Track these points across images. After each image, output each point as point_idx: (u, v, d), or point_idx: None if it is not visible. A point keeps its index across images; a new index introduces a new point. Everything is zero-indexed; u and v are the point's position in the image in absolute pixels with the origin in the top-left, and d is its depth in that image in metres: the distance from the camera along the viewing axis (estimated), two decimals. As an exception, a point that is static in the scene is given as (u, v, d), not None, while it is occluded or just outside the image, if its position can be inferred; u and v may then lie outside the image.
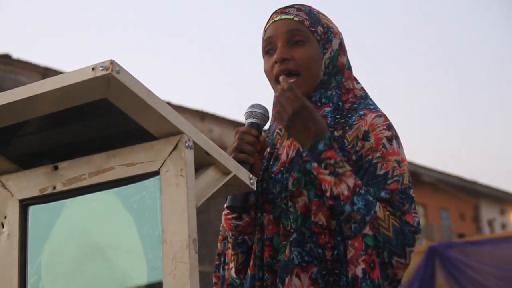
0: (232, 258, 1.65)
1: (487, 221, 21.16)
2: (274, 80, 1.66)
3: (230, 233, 1.65)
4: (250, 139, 1.56)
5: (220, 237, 1.73)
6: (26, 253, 1.26)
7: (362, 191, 1.50)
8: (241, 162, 1.51)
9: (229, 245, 1.67)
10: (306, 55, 1.63)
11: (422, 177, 17.77)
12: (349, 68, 1.73)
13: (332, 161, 1.50)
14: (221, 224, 1.71)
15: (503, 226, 21.61)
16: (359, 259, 1.47)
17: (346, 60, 1.72)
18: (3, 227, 1.29)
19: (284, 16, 1.66)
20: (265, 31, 1.70)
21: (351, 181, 1.50)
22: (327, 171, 1.51)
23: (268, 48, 1.67)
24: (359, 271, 1.46)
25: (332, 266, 1.50)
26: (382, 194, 1.53)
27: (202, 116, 13.61)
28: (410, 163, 17.03)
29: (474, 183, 20.78)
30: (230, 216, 1.64)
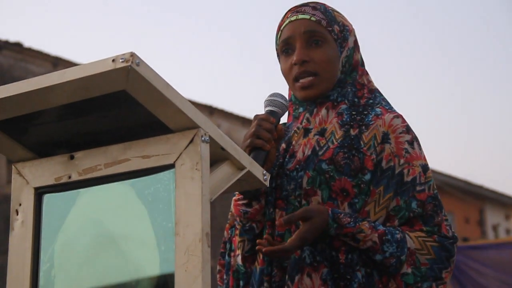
0: (239, 245, 1.66)
1: (491, 226, 21.12)
2: (292, 81, 1.67)
3: (238, 219, 1.66)
4: (268, 126, 1.56)
5: (227, 225, 1.74)
6: (40, 241, 1.27)
7: (389, 236, 1.51)
8: (257, 148, 1.52)
9: (236, 231, 1.68)
10: (325, 56, 1.64)
11: (428, 180, 17.71)
12: (362, 64, 1.73)
13: (349, 235, 1.52)
14: (230, 212, 1.72)
15: (508, 231, 21.56)
16: None
17: (360, 56, 1.73)
18: (17, 214, 1.30)
19: (300, 16, 1.66)
20: (281, 30, 1.69)
21: (374, 236, 1.51)
22: (348, 239, 1.52)
23: (286, 48, 1.68)
24: None
25: (345, 270, 1.51)
26: (413, 206, 1.55)
27: (210, 111, 13.61)
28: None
29: (480, 187, 20.73)
30: (240, 202, 1.65)
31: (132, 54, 1.10)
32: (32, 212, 1.28)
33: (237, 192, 1.64)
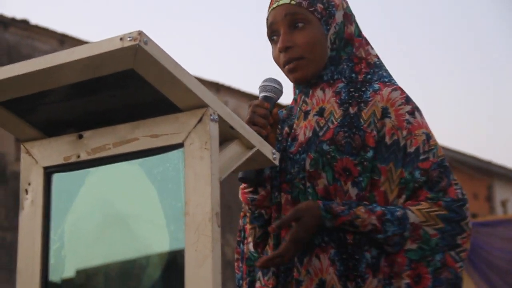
0: (250, 232, 1.66)
1: (500, 202, 21.09)
2: (282, 67, 1.67)
3: (247, 207, 1.66)
4: (262, 112, 1.56)
5: (242, 213, 1.74)
6: (50, 220, 1.27)
7: (389, 216, 1.50)
8: None
9: (247, 219, 1.68)
10: (308, 39, 1.62)
11: (436, 156, 17.63)
12: (360, 35, 1.70)
13: (346, 223, 1.50)
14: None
15: (516, 207, 21.52)
16: (403, 273, 1.48)
17: (355, 27, 1.69)
18: (27, 193, 1.29)
19: (281, 1, 1.65)
20: (267, 19, 1.69)
21: (373, 219, 1.50)
22: (348, 227, 1.51)
23: (272, 36, 1.67)
24: (403, 286, 1.48)
25: (353, 250, 1.51)
26: (417, 175, 1.53)
27: (217, 88, 13.59)
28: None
29: (488, 163, 20.67)
30: (246, 190, 1.65)
31: (140, 33, 1.08)
32: (41, 192, 1.28)
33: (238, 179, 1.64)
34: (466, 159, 19.83)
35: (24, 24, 10.58)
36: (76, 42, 11.17)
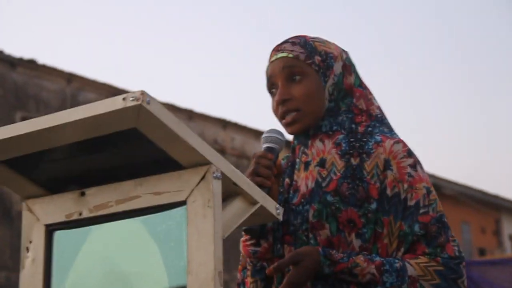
0: (252, 286, 1.64)
1: (508, 236, 20.92)
2: (280, 119, 1.67)
3: (248, 259, 1.65)
4: (266, 163, 1.56)
5: (240, 266, 1.72)
6: (50, 279, 1.26)
7: (387, 266, 1.49)
8: (258, 185, 1.51)
9: (248, 272, 1.66)
10: (305, 91, 1.62)
11: (443, 190, 17.60)
12: (361, 85, 1.69)
13: (345, 271, 1.50)
14: (241, 254, 1.70)
15: (525, 241, 21.31)
16: None
17: (355, 78, 1.69)
18: (28, 251, 1.28)
19: (279, 55, 1.66)
20: (266, 72, 1.70)
21: (372, 268, 1.49)
22: (346, 275, 1.51)
23: (271, 88, 1.69)
24: None
25: None
26: (416, 229, 1.52)
27: (224, 124, 13.62)
28: (431, 176, 16.87)
29: (496, 197, 20.56)
30: (248, 243, 1.63)
31: (143, 93, 1.09)
32: (42, 250, 1.27)
33: (244, 233, 1.63)
34: (473, 193, 19.73)
35: (31, 64, 10.69)
36: (83, 80, 11.25)
